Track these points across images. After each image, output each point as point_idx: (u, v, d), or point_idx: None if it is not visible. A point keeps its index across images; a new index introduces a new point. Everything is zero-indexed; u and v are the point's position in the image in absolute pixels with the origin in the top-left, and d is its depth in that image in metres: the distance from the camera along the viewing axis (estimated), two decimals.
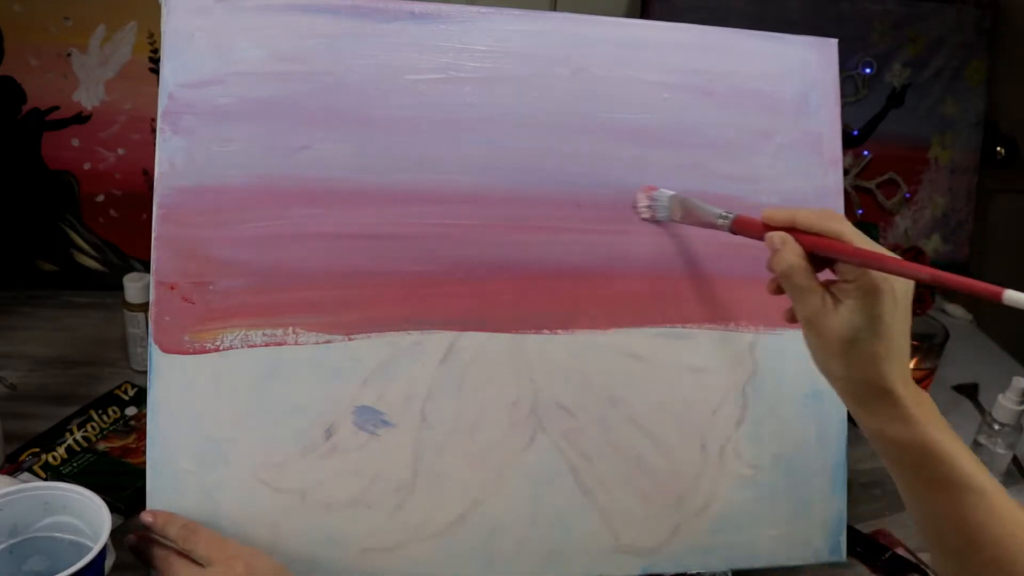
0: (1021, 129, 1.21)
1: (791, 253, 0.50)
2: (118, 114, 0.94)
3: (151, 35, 0.93)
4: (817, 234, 0.50)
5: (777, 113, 0.66)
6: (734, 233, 0.56)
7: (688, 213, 0.60)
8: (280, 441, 0.57)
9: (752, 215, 0.54)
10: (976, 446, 0.80)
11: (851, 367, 0.50)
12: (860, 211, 1.17)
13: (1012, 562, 0.48)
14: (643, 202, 0.62)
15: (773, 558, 0.65)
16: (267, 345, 0.57)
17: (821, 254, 0.50)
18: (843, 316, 0.49)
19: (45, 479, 0.68)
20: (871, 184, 1.17)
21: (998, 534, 0.48)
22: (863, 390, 0.50)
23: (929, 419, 0.49)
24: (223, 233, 0.56)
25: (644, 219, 0.62)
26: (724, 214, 0.57)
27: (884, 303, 0.49)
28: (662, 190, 0.61)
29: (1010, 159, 1.20)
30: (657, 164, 0.63)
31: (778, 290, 0.53)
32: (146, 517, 0.54)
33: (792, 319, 0.53)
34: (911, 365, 0.83)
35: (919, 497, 0.51)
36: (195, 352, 0.56)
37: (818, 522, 0.66)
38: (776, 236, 0.51)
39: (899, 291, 0.49)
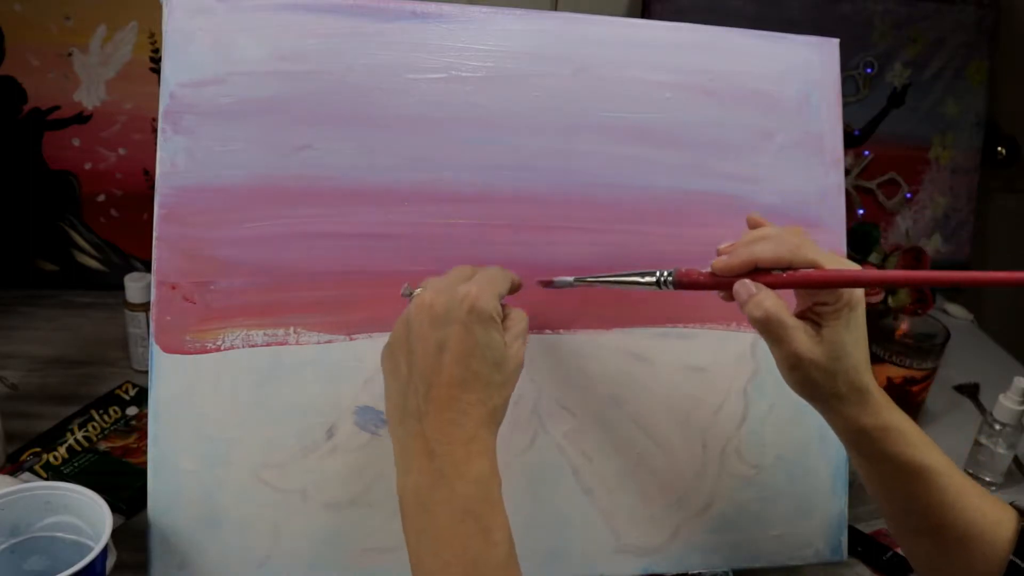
0: (1021, 129, 1.21)
1: (766, 298, 0.47)
2: (119, 114, 0.94)
3: (152, 35, 0.93)
4: (787, 268, 0.48)
5: (778, 113, 0.66)
6: (679, 288, 0.50)
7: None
8: (281, 441, 0.57)
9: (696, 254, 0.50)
10: (977, 446, 0.80)
11: (836, 379, 0.49)
12: (861, 211, 1.17)
13: (980, 534, 0.50)
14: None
15: (774, 558, 0.65)
16: (268, 345, 0.57)
17: (798, 288, 0.48)
18: (830, 340, 0.48)
19: (46, 479, 0.68)
20: (872, 184, 1.17)
21: (965, 505, 0.50)
22: (844, 393, 0.49)
23: (891, 406, 0.51)
24: (224, 233, 0.56)
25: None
26: (660, 276, 0.50)
27: (860, 312, 0.49)
28: (560, 278, 0.56)
29: (1011, 159, 1.20)
30: (658, 163, 0.63)
31: (731, 297, 0.49)
32: None
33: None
34: (913, 366, 0.83)
35: (886, 481, 0.52)
36: (196, 352, 0.56)
37: (819, 522, 0.66)
38: (743, 289, 0.48)
39: (861, 294, 0.49)
